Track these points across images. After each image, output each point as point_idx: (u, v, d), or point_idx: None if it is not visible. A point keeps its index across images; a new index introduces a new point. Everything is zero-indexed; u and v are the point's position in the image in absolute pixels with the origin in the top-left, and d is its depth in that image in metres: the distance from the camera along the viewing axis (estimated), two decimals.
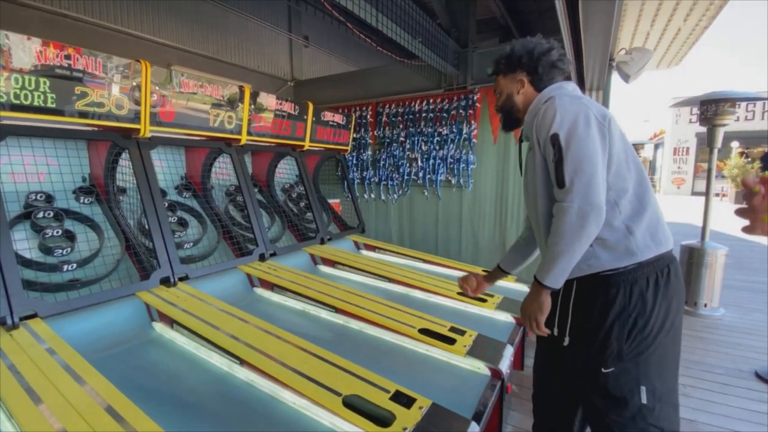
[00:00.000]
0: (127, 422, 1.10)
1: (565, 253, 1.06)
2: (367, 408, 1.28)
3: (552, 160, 1.08)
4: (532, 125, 1.17)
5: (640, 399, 1.09)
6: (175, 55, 3.71)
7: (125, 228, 2.04)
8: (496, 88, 1.35)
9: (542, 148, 1.13)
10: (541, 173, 1.15)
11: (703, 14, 5.01)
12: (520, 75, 1.27)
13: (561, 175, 1.06)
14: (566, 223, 1.04)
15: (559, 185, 1.07)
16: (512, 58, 1.28)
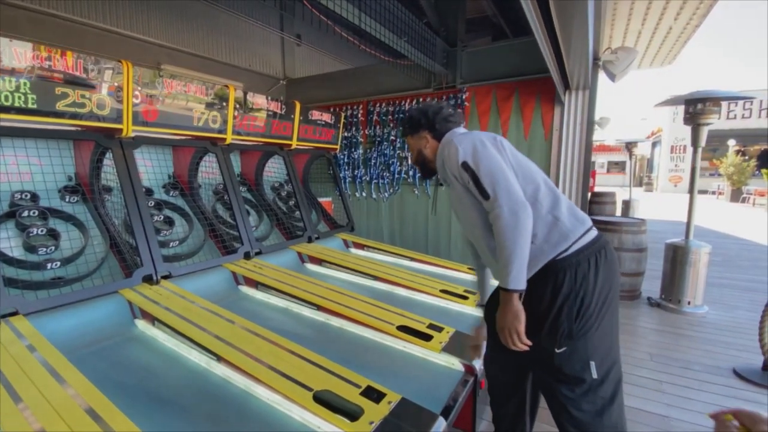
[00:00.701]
0: (105, 421, 1.12)
1: (515, 251, 1.14)
2: (337, 403, 1.30)
3: (470, 182, 1.23)
4: (443, 167, 1.35)
5: (591, 374, 1.19)
6: (165, 53, 3.73)
7: (110, 226, 2.07)
8: (408, 146, 1.56)
9: (459, 178, 1.27)
10: (468, 200, 1.29)
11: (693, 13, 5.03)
12: (423, 133, 1.46)
13: (483, 190, 1.20)
14: (504, 226, 1.15)
15: (485, 198, 1.20)
16: (413, 121, 1.47)
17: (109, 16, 3.39)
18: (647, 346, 2.63)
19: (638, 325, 2.98)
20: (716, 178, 15.58)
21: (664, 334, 2.85)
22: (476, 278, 1.65)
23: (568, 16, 1.85)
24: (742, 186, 13.15)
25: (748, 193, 12.71)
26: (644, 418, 1.89)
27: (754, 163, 13.22)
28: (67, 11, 3.20)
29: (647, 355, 2.50)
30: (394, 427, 1.22)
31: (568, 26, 2.04)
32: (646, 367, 2.36)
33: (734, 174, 13.19)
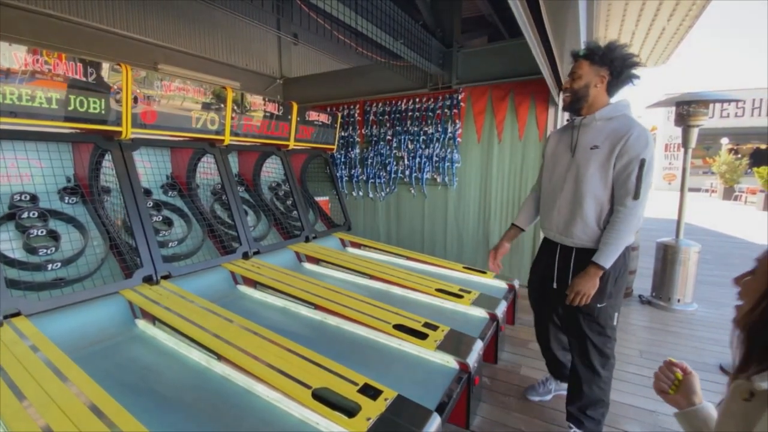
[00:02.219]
0: (108, 418, 1.16)
1: (622, 244, 1.47)
2: (335, 400, 1.35)
3: (632, 173, 1.42)
4: (617, 134, 1.45)
5: (614, 321, 1.61)
6: (161, 53, 3.73)
7: (110, 227, 2.09)
8: (576, 69, 1.52)
9: (621, 154, 1.44)
10: (599, 170, 1.49)
11: (686, 14, 5.08)
12: (603, 71, 1.47)
13: (638, 190, 1.42)
14: (630, 224, 1.44)
15: (634, 197, 1.43)
16: (607, 55, 1.46)
17: (105, 15, 3.40)
18: (637, 343, 2.70)
19: (629, 323, 3.04)
20: (709, 176, 15.74)
21: (653, 331, 2.92)
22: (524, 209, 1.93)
23: (560, 19, 1.89)
24: (735, 184, 13.30)
25: (740, 191, 12.87)
26: (633, 414, 1.95)
27: (746, 162, 13.37)
28: (63, 11, 3.20)
29: (637, 352, 2.57)
30: (391, 423, 1.26)
31: (561, 29, 2.08)
32: (635, 363, 2.43)
33: (726, 172, 13.34)
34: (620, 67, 1.47)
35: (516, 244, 3.62)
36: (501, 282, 2.77)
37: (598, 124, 1.52)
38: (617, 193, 1.48)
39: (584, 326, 1.60)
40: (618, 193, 1.48)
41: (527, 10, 1.75)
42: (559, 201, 1.62)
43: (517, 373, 2.30)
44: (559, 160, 1.64)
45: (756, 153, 16.24)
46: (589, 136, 1.53)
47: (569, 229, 1.59)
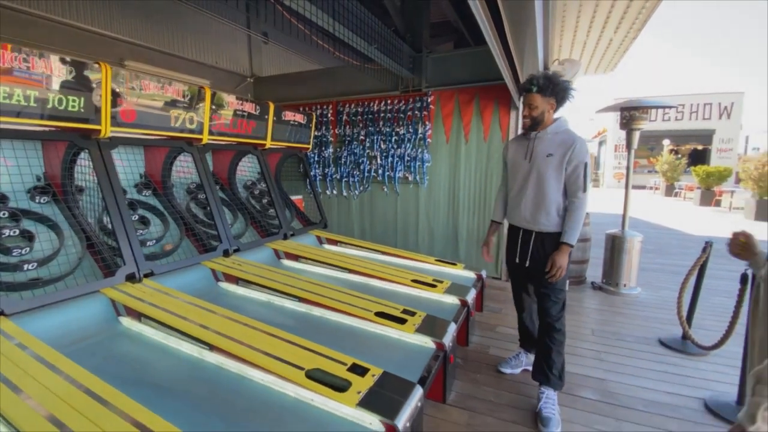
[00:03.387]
0: (111, 404, 1.21)
1: (581, 225, 1.90)
2: (327, 379, 1.47)
3: (581, 173, 1.88)
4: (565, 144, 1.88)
5: (566, 285, 2.01)
6: (128, 49, 3.64)
7: (85, 227, 2.08)
8: (532, 101, 1.92)
9: (570, 160, 1.87)
10: (555, 172, 1.91)
11: (630, 27, 5.59)
12: (551, 100, 1.91)
13: (585, 185, 1.88)
14: (583, 210, 1.89)
15: (583, 190, 1.89)
16: (552, 86, 1.88)
17: (69, 10, 3.28)
18: (590, 324, 3.01)
19: (583, 306, 3.37)
20: (653, 174, 17.09)
21: (603, 312, 3.26)
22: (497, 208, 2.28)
23: (520, 31, 2.11)
24: (675, 182, 14.56)
25: (680, 188, 14.11)
26: (586, 382, 2.21)
27: (685, 161, 14.67)
28: (24, 4, 3.07)
29: (589, 331, 2.87)
30: (379, 395, 1.40)
31: (521, 40, 2.31)
32: (588, 340, 2.72)
33: (668, 171, 14.57)
34: (562, 94, 1.92)
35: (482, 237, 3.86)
36: (470, 272, 2.98)
37: (549, 136, 1.95)
38: (570, 189, 1.93)
39: (547, 290, 1.98)
40: (571, 189, 1.92)
41: (491, 22, 1.95)
42: (525, 198, 2.02)
43: (486, 353, 2.53)
44: (520, 166, 2.04)
45: (694, 153, 17.82)
46: (543, 146, 1.95)
47: (536, 218, 1.99)
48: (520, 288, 2.25)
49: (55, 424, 1.12)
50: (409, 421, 1.34)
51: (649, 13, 5.11)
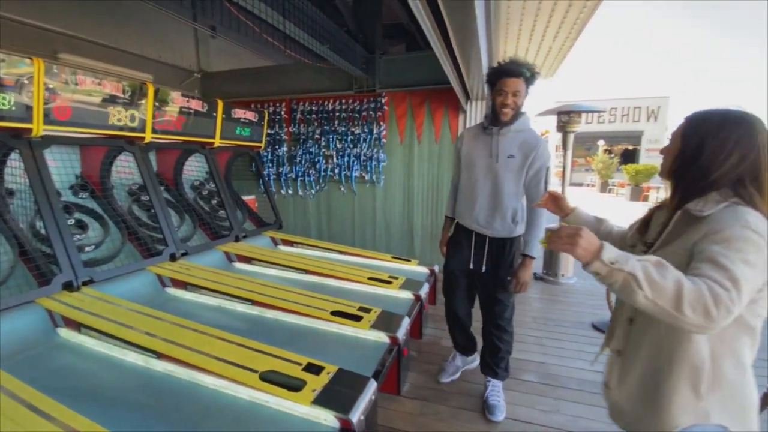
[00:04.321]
0: (55, 418, 1.15)
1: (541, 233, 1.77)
2: (282, 379, 1.49)
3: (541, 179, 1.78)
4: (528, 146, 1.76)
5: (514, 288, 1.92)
6: (62, 42, 3.34)
7: (17, 232, 1.92)
8: (520, 88, 1.69)
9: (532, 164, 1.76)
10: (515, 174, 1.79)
11: (567, 36, 6.03)
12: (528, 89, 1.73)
13: (545, 189, 1.74)
14: (543, 219, 1.78)
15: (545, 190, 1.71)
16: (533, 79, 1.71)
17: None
18: (531, 312, 3.25)
19: (526, 296, 3.62)
20: (590, 172, 18.53)
21: (543, 301, 3.54)
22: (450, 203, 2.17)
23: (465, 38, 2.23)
24: (609, 179, 15.91)
25: (613, 185, 15.45)
26: (528, 366, 2.41)
27: (618, 160, 16.07)
28: None
29: (531, 318, 3.11)
30: (334, 391, 1.45)
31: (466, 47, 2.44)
32: (530, 327, 2.95)
33: (602, 169, 15.89)
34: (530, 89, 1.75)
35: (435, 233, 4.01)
36: (423, 268, 3.10)
37: (511, 134, 1.77)
38: (530, 194, 1.80)
39: (500, 296, 1.96)
40: (531, 194, 1.80)
41: (437, 31, 2.05)
42: (479, 199, 1.87)
43: (439, 344, 2.66)
44: (478, 162, 1.86)
45: (625, 153, 19.54)
46: (506, 144, 1.78)
47: (490, 223, 1.87)
48: (464, 295, 2.12)
49: None
50: (364, 414, 1.40)
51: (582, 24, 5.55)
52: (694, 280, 0.74)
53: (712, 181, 0.84)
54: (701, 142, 0.85)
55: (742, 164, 0.82)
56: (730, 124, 0.84)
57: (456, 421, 1.91)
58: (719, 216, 0.81)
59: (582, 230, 0.80)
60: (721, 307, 0.70)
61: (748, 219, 0.78)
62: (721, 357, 0.84)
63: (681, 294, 0.71)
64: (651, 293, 0.72)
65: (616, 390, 1.03)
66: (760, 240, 0.76)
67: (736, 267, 0.74)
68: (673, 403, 0.87)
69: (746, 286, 0.73)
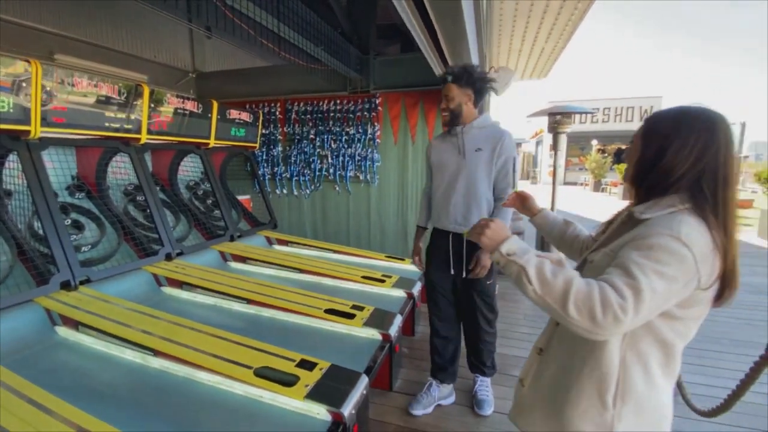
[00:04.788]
0: (56, 413, 1.18)
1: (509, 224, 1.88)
2: (276, 375, 1.53)
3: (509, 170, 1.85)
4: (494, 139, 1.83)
5: (495, 291, 2.01)
6: (58, 42, 3.35)
7: (15, 233, 1.95)
8: (449, 92, 1.79)
9: (499, 155, 1.82)
10: (485, 167, 1.84)
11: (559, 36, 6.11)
12: (468, 91, 1.79)
13: (514, 182, 1.85)
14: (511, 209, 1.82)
15: (512, 187, 1.84)
16: (467, 76, 1.76)
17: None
18: (522, 310, 3.32)
19: (517, 293, 3.69)
20: (584, 172, 18.68)
21: None
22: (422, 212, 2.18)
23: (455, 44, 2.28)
24: (602, 178, 16.05)
25: (606, 184, 15.59)
26: (518, 362, 2.47)
27: (610, 159, 16.22)
28: None
29: (522, 316, 3.18)
30: (326, 386, 1.49)
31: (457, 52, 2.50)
32: (521, 324, 3.01)
33: (596, 168, 16.03)
34: (480, 85, 1.81)
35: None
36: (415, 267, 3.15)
37: (475, 131, 1.85)
38: (499, 185, 1.86)
39: (477, 299, 1.96)
40: (500, 185, 1.86)
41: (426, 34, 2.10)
42: (454, 197, 1.89)
43: None
44: (448, 163, 1.91)
45: (618, 152, 19.72)
46: (472, 140, 1.85)
47: (468, 219, 1.87)
48: (445, 307, 2.05)
49: None
50: (355, 408, 1.45)
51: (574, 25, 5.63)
52: (591, 282, 0.73)
53: (673, 182, 0.79)
54: (661, 142, 0.81)
55: (701, 163, 0.77)
56: (689, 122, 0.79)
57: (445, 416, 1.97)
58: (656, 221, 0.78)
59: (492, 222, 0.86)
60: (609, 313, 0.69)
61: (682, 229, 0.73)
62: (631, 368, 0.81)
63: (568, 294, 0.71)
64: (540, 289, 0.74)
65: (529, 388, 1.01)
66: (686, 253, 0.72)
67: (645, 277, 0.71)
68: (577, 408, 0.84)
69: (650, 298, 0.70)
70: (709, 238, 0.74)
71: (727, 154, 0.77)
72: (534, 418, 0.96)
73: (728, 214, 0.76)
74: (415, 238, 2.17)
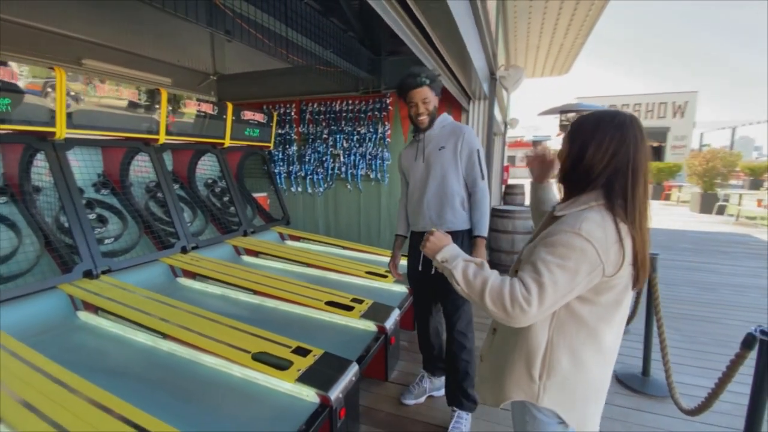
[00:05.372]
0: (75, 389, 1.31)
1: (488, 214, 1.85)
2: (271, 360, 1.63)
3: (475, 162, 1.83)
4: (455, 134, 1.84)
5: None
6: (86, 48, 3.61)
7: (43, 225, 2.14)
8: (426, 95, 1.79)
9: (463, 150, 1.82)
10: (452, 162, 1.84)
11: (578, 32, 5.97)
12: (437, 94, 1.85)
13: (482, 172, 1.84)
14: (487, 198, 1.84)
15: (482, 177, 1.83)
16: (439, 82, 1.85)
17: (23, 8, 3.23)
18: None
19: None
20: None
21: None
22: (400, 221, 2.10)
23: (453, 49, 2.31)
24: None
25: None
26: None
27: None
28: None
29: None
30: (317, 371, 1.58)
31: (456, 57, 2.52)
32: None
33: None
34: (440, 88, 1.88)
35: None
36: None
37: (436, 132, 1.87)
38: (469, 178, 1.85)
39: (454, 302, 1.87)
40: (470, 179, 1.85)
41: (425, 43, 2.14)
42: (426, 199, 1.87)
43: None
44: (416, 169, 1.92)
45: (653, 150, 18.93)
46: (433, 141, 1.87)
47: (442, 216, 1.85)
48: (425, 303, 2.06)
49: (27, 407, 1.21)
50: (343, 392, 1.53)
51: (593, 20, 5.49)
52: (505, 280, 0.88)
53: (592, 180, 0.88)
54: (582, 144, 0.89)
55: (615, 158, 0.85)
56: (605, 124, 0.87)
57: (436, 406, 2.01)
58: (565, 218, 0.88)
59: (433, 234, 1.01)
60: (516, 305, 0.83)
61: (583, 226, 0.83)
62: (557, 348, 0.91)
63: (485, 291, 0.87)
64: (465, 288, 0.91)
65: (483, 362, 1.12)
66: (587, 247, 0.81)
67: (548, 271, 0.82)
68: (509, 377, 0.97)
69: (553, 290, 0.82)
70: (612, 230, 0.83)
71: (636, 151, 0.85)
72: (486, 388, 1.08)
73: (636, 207, 0.85)
74: (394, 247, 2.09)
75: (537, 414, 0.96)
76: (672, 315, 3.20)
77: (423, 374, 2.14)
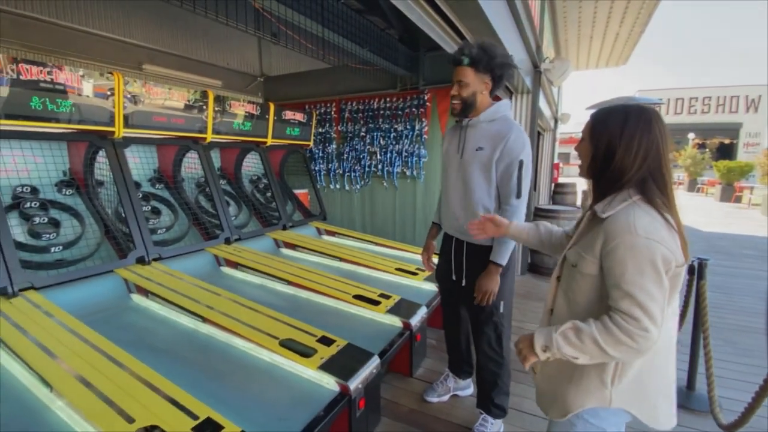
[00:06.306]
0: (123, 364, 1.46)
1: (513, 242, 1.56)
2: (297, 347, 1.70)
3: (512, 174, 1.53)
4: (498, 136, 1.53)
5: (499, 309, 1.72)
6: (145, 54, 3.96)
7: (104, 215, 2.39)
8: (463, 76, 1.50)
9: (501, 159, 1.54)
10: (484, 171, 1.58)
11: (635, 19, 5.55)
12: (486, 78, 1.51)
13: (519, 189, 1.54)
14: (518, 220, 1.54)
15: (517, 196, 1.55)
16: (491, 60, 1.47)
17: (92, 19, 3.61)
18: None
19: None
20: (678, 169, 16.56)
21: None
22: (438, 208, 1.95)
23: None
24: (697, 177, 14.08)
25: (702, 183, 13.65)
26: None
27: (709, 156, 14.16)
28: (51, 15, 3.41)
29: None
30: (339, 361, 1.62)
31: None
32: None
33: (691, 165, 14.10)
34: (500, 72, 1.52)
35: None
36: None
37: (482, 125, 1.57)
38: (502, 192, 1.58)
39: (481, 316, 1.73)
40: (502, 193, 1.58)
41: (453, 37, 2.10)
42: (453, 200, 1.69)
43: None
44: (451, 161, 1.71)
45: (720, 147, 17.13)
46: (474, 137, 1.59)
47: (464, 227, 1.62)
48: (454, 309, 1.94)
49: (80, 381, 1.36)
50: (363, 383, 1.56)
51: (651, 8, 5.07)
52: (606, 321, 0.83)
53: (626, 180, 0.88)
54: (610, 142, 0.88)
55: (647, 159, 0.85)
56: (633, 121, 0.86)
57: (459, 405, 1.98)
58: (614, 219, 0.85)
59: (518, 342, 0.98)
60: (637, 337, 0.79)
61: (637, 224, 0.81)
62: None
63: (599, 344, 0.82)
64: (582, 358, 0.86)
65: (540, 374, 1.10)
66: (650, 244, 0.80)
67: (639, 291, 0.79)
68: (576, 387, 0.95)
69: (653, 302, 0.80)
70: (661, 220, 0.82)
71: (665, 149, 0.86)
72: (546, 402, 1.07)
73: (670, 197, 0.87)
74: (428, 235, 1.96)
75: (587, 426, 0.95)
76: (728, 326, 2.90)
77: (448, 374, 2.11)
